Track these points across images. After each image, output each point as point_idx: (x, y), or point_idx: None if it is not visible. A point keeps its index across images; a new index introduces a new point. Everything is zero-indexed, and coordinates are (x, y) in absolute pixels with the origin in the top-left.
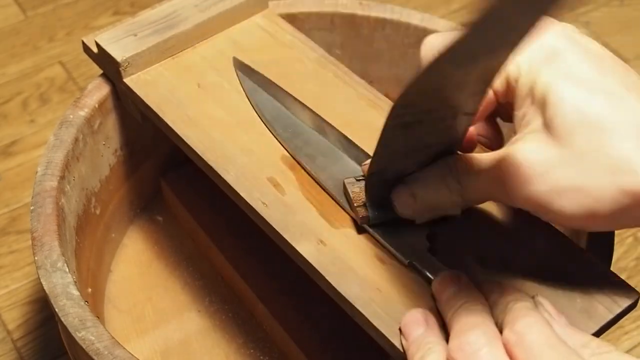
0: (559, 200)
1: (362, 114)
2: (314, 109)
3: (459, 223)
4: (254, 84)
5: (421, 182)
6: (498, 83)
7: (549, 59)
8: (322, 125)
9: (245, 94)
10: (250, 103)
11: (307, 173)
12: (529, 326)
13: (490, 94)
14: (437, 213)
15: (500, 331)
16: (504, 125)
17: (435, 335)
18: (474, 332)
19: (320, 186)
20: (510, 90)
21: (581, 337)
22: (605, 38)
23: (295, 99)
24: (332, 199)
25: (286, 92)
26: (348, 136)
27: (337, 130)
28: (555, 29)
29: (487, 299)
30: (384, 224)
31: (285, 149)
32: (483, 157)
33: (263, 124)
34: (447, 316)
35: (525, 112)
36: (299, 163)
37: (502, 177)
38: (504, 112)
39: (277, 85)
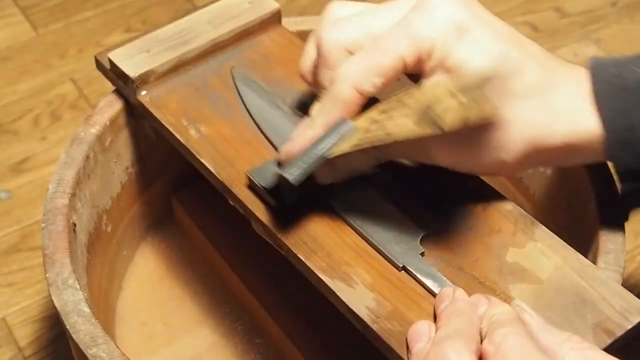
0: (478, 156)
1: None
2: None
3: (456, 230)
4: (253, 94)
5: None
6: (408, 55)
7: (460, 34)
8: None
9: (244, 105)
10: (249, 113)
11: None
12: (506, 336)
13: (399, 64)
14: (353, 175)
15: None
16: None
17: None
18: (444, 343)
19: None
20: (421, 62)
21: (562, 333)
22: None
23: (296, 110)
24: (334, 212)
25: (285, 101)
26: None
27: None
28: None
29: (477, 311)
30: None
31: None
32: None
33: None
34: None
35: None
36: None
37: (424, 140)
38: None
39: (275, 94)
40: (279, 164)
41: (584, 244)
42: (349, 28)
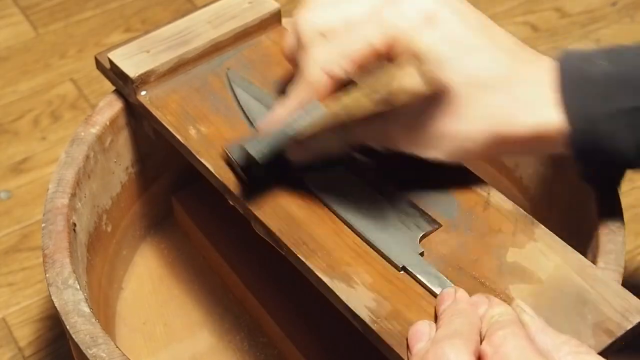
0: (442, 144)
1: None
2: None
3: (456, 228)
4: (248, 96)
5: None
6: (377, 42)
7: (429, 24)
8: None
9: (240, 107)
10: (245, 115)
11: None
12: (505, 338)
13: (368, 50)
14: (324, 156)
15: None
16: None
17: None
18: (444, 343)
19: (318, 197)
20: (390, 49)
21: (560, 336)
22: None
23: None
24: (333, 212)
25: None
26: None
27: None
28: None
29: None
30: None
31: None
32: None
33: None
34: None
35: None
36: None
37: (386, 125)
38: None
39: (270, 96)
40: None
41: (584, 244)
42: (324, 12)
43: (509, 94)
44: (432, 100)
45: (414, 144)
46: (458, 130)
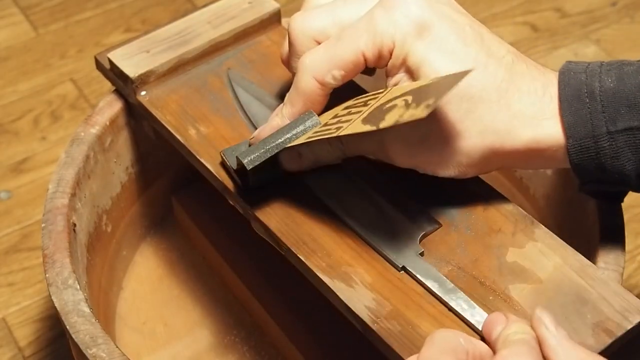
0: (438, 160)
1: None
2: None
3: (456, 228)
4: (249, 96)
5: (305, 143)
6: (368, 50)
7: (421, 33)
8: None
9: (241, 106)
10: (246, 115)
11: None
12: (513, 355)
13: (359, 58)
14: (319, 165)
15: None
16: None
17: None
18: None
19: (318, 197)
20: (382, 59)
21: (580, 352)
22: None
23: None
24: (333, 212)
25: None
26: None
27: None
28: None
29: (491, 332)
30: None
31: None
32: None
33: None
34: None
35: (398, 80)
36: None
37: (382, 139)
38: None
39: (271, 95)
40: (250, 147)
41: (584, 244)
42: (317, 17)
43: (504, 107)
44: (428, 115)
45: (411, 160)
46: (453, 146)
